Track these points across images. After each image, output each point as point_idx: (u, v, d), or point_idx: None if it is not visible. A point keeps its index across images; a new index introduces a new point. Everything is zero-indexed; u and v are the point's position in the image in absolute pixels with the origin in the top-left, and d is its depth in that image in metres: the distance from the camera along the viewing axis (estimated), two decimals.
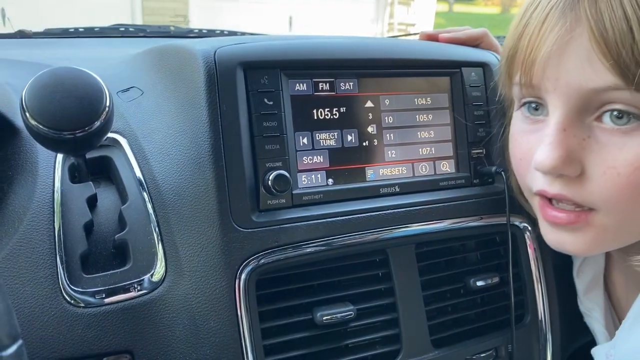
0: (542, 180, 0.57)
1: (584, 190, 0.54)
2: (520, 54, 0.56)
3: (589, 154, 0.53)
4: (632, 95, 0.50)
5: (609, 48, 0.48)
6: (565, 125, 0.54)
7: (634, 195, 0.52)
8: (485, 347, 0.71)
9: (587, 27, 0.50)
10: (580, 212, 0.56)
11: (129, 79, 0.74)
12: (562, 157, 0.53)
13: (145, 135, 0.64)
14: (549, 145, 0.53)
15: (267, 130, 0.60)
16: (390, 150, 0.68)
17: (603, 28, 0.49)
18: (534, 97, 0.58)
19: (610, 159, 0.52)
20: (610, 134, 0.52)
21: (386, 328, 0.66)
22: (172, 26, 1.39)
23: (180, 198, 0.59)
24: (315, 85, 0.64)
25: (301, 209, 0.62)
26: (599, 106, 0.52)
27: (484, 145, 0.73)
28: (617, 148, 0.52)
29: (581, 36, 0.50)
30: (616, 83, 0.49)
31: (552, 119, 0.54)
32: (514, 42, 0.57)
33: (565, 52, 0.52)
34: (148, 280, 0.57)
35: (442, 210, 0.69)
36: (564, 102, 0.53)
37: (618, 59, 0.48)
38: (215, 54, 0.59)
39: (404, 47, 0.72)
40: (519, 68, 0.56)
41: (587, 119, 0.54)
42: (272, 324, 0.60)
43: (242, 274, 0.57)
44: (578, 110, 0.53)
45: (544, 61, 0.53)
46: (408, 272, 0.67)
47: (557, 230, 0.59)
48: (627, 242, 0.59)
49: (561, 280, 0.77)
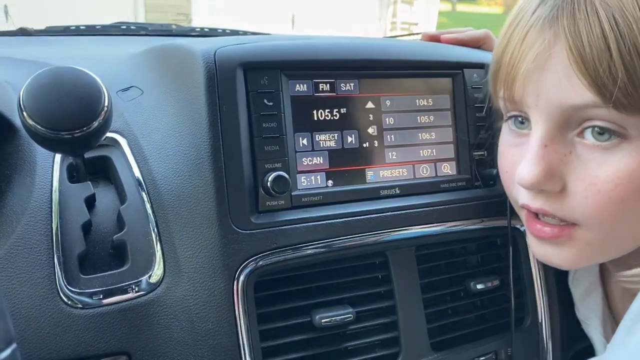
0: (525, 194, 0.57)
1: (565, 206, 0.54)
2: (503, 69, 0.56)
3: (571, 169, 0.53)
4: (611, 113, 0.49)
5: (587, 66, 0.48)
6: (547, 141, 0.54)
7: (615, 211, 0.52)
8: (485, 350, 0.71)
9: (566, 44, 0.49)
10: (564, 226, 0.56)
11: (129, 78, 0.73)
12: (543, 172, 0.53)
13: (144, 135, 0.64)
14: (530, 161, 0.54)
15: (267, 131, 0.60)
16: (390, 152, 0.68)
17: (581, 46, 0.48)
18: (518, 112, 0.58)
19: (591, 175, 0.52)
20: (591, 150, 0.52)
21: (385, 331, 0.66)
22: (173, 24, 1.39)
23: (179, 199, 0.59)
24: (315, 86, 0.64)
25: (300, 210, 0.61)
26: (580, 122, 0.52)
27: (485, 147, 0.72)
28: (598, 164, 0.52)
29: (560, 54, 0.50)
30: (594, 101, 0.49)
31: (534, 134, 0.55)
32: (498, 57, 0.57)
33: (545, 69, 0.52)
34: (146, 281, 0.57)
35: (442, 212, 0.69)
36: (545, 119, 0.53)
37: (595, 76, 0.48)
38: (215, 54, 0.59)
39: (405, 48, 0.71)
40: (502, 84, 0.57)
41: (569, 135, 0.54)
42: (270, 326, 0.60)
43: (241, 276, 0.57)
44: (559, 126, 0.53)
45: (524, 78, 0.53)
46: (408, 275, 0.67)
47: (542, 243, 0.59)
48: (613, 255, 0.59)
49: (562, 284, 0.77)
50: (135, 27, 1.31)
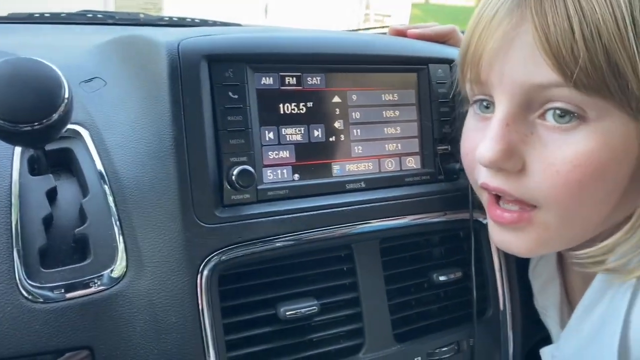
0: (485, 173, 0.58)
1: (523, 186, 0.56)
2: (470, 50, 0.57)
3: (531, 150, 0.55)
4: (572, 93, 0.51)
5: (551, 46, 0.50)
6: (509, 121, 0.55)
7: (573, 193, 0.53)
8: (447, 341, 0.72)
9: (532, 24, 0.51)
10: (523, 211, 0.57)
11: (93, 69, 0.72)
12: (503, 151, 0.54)
13: (107, 127, 0.63)
14: (491, 139, 0.55)
15: (232, 124, 0.60)
16: (356, 146, 0.69)
17: (546, 26, 0.50)
18: (483, 95, 0.59)
19: (549, 156, 0.53)
20: (551, 131, 0.54)
21: (350, 322, 0.67)
22: (141, 13, 1.36)
23: (142, 192, 0.58)
24: (281, 79, 0.64)
25: (266, 204, 0.62)
26: (542, 103, 0.54)
27: (449, 142, 0.73)
28: (557, 146, 0.53)
29: (526, 33, 0.52)
30: (557, 80, 0.51)
31: (497, 114, 0.56)
32: (467, 40, 0.58)
33: (511, 48, 0.53)
34: (108, 275, 0.56)
35: (407, 205, 0.70)
36: (508, 98, 0.55)
37: (559, 56, 0.50)
38: (179, 46, 0.58)
39: (372, 43, 0.72)
40: (469, 65, 0.58)
41: (531, 116, 0.55)
42: (235, 319, 0.60)
43: (205, 270, 0.57)
44: (522, 106, 0.54)
45: (490, 56, 0.55)
46: (372, 267, 0.68)
47: (502, 230, 0.60)
48: (571, 243, 0.60)
49: (523, 276, 0.79)
50: (102, 16, 1.28)
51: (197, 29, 0.64)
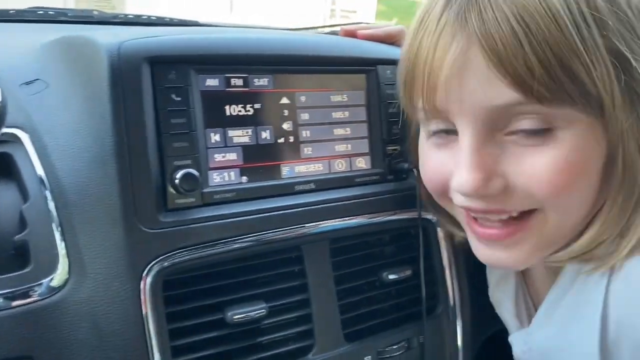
0: (463, 198, 0.56)
1: (511, 200, 0.55)
2: (418, 80, 0.55)
3: (508, 166, 0.54)
4: (535, 107, 0.50)
5: (504, 65, 0.49)
6: (478, 145, 0.53)
7: (563, 193, 0.53)
8: (398, 339, 0.73)
9: (480, 47, 0.50)
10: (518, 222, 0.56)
11: (35, 70, 0.70)
12: (481, 178, 0.53)
13: (47, 130, 0.62)
14: (466, 169, 0.53)
15: (175, 127, 0.59)
16: (306, 147, 0.69)
17: (495, 46, 0.49)
18: (442, 121, 0.57)
19: (528, 169, 0.53)
20: (523, 146, 0.53)
21: (300, 324, 0.67)
22: (95, 10, 1.33)
23: (83, 197, 0.57)
24: (227, 80, 0.63)
25: (212, 207, 0.61)
26: (508, 120, 0.53)
27: (398, 142, 0.74)
28: (534, 158, 0.52)
29: (476, 56, 0.50)
30: (518, 98, 0.50)
31: (464, 141, 0.54)
32: (410, 67, 0.56)
33: (465, 74, 0.51)
34: (49, 283, 0.55)
35: (357, 205, 0.70)
36: (472, 123, 0.53)
37: (514, 74, 0.49)
38: (120, 48, 0.57)
39: (321, 44, 0.72)
40: (420, 95, 0.55)
41: (498, 135, 0.54)
42: (181, 325, 0.59)
43: (148, 276, 0.56)
44: (487, 128, 0.53)
45: (445, 86, 0.53)
46: (322, 268, 0.68)
47: (488, 246, 0.59)
48: (557, 245, 0.59)
49: (474, 270, 0.80)
50: (54, 13, 1.24)
51: (142, 30, 0.64)
